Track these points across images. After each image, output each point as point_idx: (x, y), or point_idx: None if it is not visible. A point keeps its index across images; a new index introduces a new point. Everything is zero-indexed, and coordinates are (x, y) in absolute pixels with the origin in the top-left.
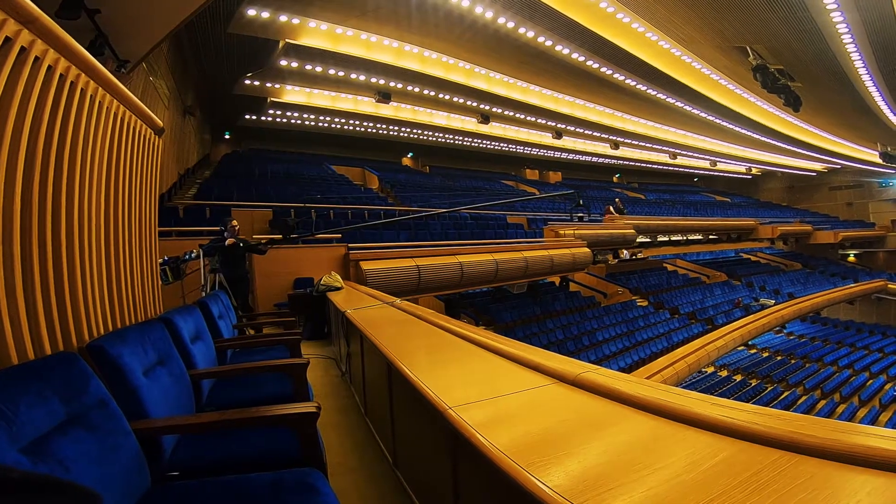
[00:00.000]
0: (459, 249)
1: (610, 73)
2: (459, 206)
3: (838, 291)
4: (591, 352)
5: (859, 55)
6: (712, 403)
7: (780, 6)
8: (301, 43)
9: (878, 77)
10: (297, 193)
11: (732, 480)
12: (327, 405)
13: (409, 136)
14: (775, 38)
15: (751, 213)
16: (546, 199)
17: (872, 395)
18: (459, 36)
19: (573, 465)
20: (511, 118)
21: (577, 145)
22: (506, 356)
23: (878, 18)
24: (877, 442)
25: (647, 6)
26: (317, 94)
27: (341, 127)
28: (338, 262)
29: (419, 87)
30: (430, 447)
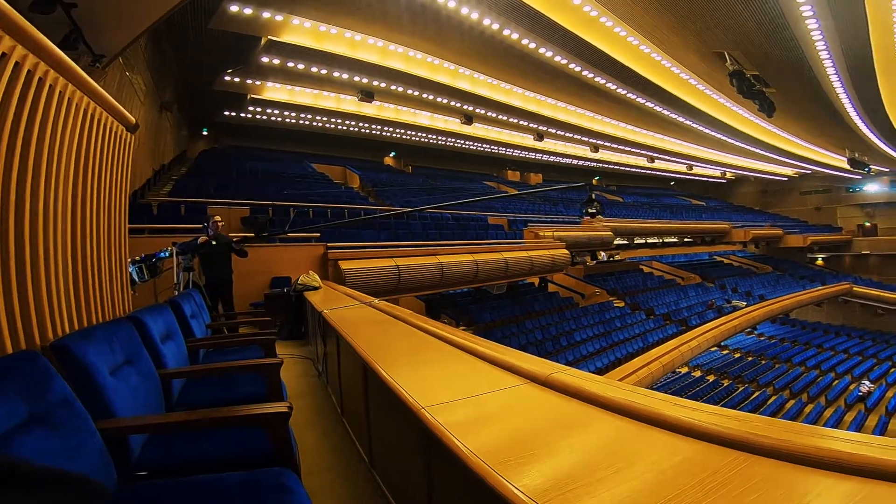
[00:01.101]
0: (440, 249)
1: (591, 76)
2: (438, 203)
3: (807, 294)
4: (570, 352)
5: (832, 63)
6: (674, 404)
7: (759, 13)
8: (284, 40)
9: (849, 85)
10: (276, 191)
11: (691, 480)
12: (303, 405)
13: (392, 135)
14: (753, 44)
15: (724, 217)
16: (519, 196)
17: (838, 395)
18: (445, 37)
19: (543, 466)
20: (494, 119)
21: (557, 148)
22: (480, 356)
23: (852, 26)
24: (827, 443)
25: (629, 10)
26: (298, 92)
27: (323, 125)
28: (316, 261)
29: (403, 86)
30: (406, 447)
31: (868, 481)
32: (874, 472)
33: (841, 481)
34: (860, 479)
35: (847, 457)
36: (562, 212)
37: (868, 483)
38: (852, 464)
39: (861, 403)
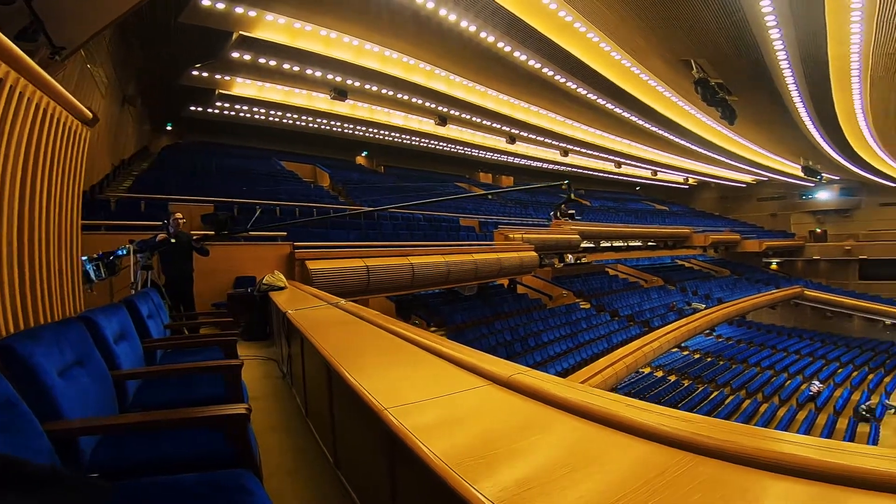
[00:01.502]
0: (411, 250)
1: (563, 80)
2: (411, 207)
3: (762, 297)
4: (538, 353)
5: (791, 72)
6: (627, 405)
7: (725, 20)
8: (256, 36)
9: (805, 94)
10: (243, 189)
11: (639, 480)
12: (267, 407)
13: (365, 134)
14: (718, 51)
15: (686, 222)
16: (486, 196)
17: (790, 394)
18: (423, 37)
19: (504, 469)
20: (468, 121)
21: (529, 151)
22: (444, 357)
23: (812, 35)
24: (769, 445)
25: (602, 16)
26: (269, 88)
27: (293, 122)
28: (282, 260)
29: (378, 85)
30: (370, 448)
31: (808, 482)
32: (814, 473)
33: (781, 482)
34: (800, 481)
35: (789, 458)
36: (531, 214)
37: (807, 484)
38: (793, 465)
39: (811, 403)
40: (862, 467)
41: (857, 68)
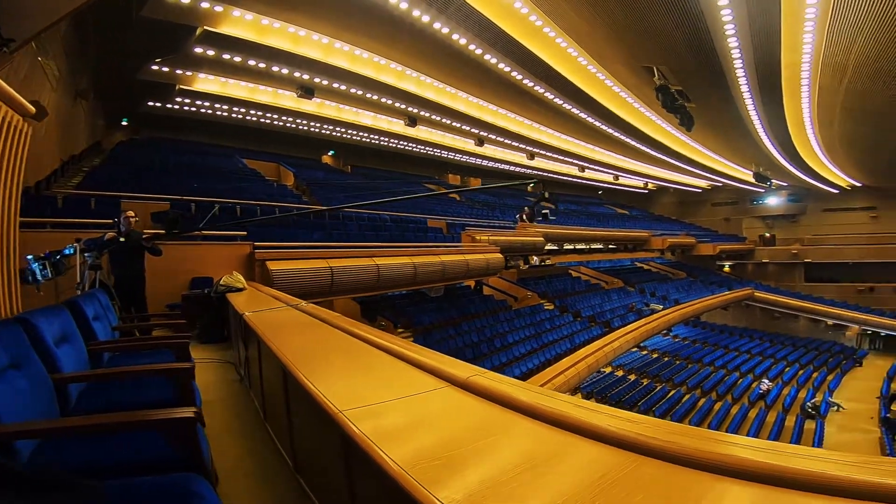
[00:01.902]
0: (377, 251)
1: (532, 85)
2: (377, 207)
3: (715, 298)
4: (504, 354)
5: (745, 79)
6: (576, 406)
7: (687, 29)
8: (222, 31)
9: (758, 101)
10: (202, 186)
11: (586, 480)
12: (223, 410)
13: (332, 133)
14: (679, 59)
15: (645, 226)
16: (448, 195)
17: (742, 392)
18: (395, 38)
19: (462, 474)
20: (438, 123)
21: (497, 153)
22: (404, 359)
23: (766, 43)
24: (710, 446)
25: (571, 22)
26: (233, 85)
27: (257, 119)
28: (242, 261)
29: (347, 85)
30: (328, 452)
31: (747, 483)
32: (753, 474)
33: (721, 483)
34: (739, 482)
35: (728, 459)
36: (498, 216)
37: (746, 485)
38: (733, 466)
39: (762, 401)
40: (800, 469)
41: (806, 77)
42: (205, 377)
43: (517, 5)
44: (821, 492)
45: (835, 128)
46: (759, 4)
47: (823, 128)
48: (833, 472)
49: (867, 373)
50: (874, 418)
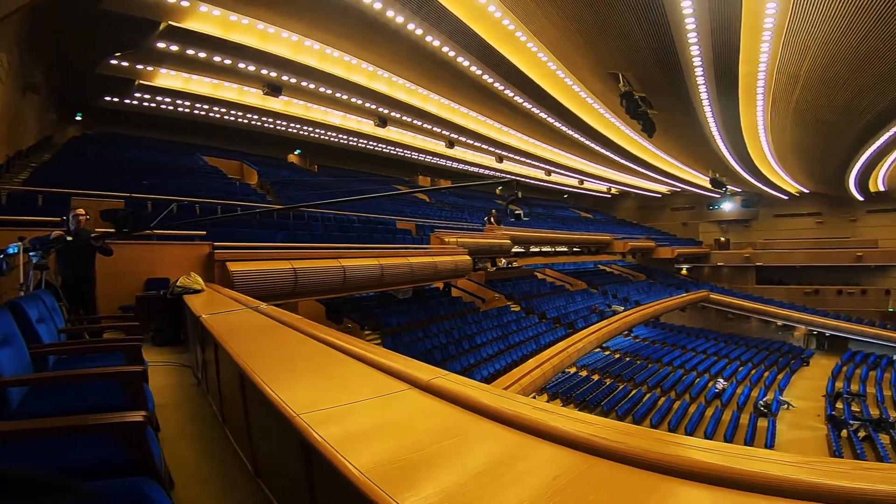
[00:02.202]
0: (343, 253)
1: (502, 88)
2: (344, 206)
3: (673, 300)
4: (472, 355)
5: (705, 87)
6: (534, 408)
7: (652, 37)
8: (187, 26)
9: (717, 109)
10: (159, 184)
11: (543, 481)
12: (180, 414)
13: (299, 132)
14: (644, 66)
15: (608, 229)
16: (409, 194)
17: (699, 392)
18: (368, 38)
19: (421, 478)
20: (408, 124)
21: (466, 156)
22: (366, 362)
23: (725, 53)
24: (655, 446)
25: (543, 27)
26: (196, 81)
27: (221, 117)
28: (201, 261)
29: (316, 83)
30: (288, 456)
31: (693, 483)
32: (697, 474)
33: (666, 482)
34: (685, 482)
35: (675, 459)
36: (467, 219)
37: (693, 486)
38: (679, 466)
39: (718, 399)
40: (744, 469)
41: (762, 86)
42: (160, 381)
43: (491, 9)
44: (763, 492)
45: (786, 135)
46: (721, 15)
47: (776, 135)
48: (774, 473)
49: (814, 372)
50: (821, 416)
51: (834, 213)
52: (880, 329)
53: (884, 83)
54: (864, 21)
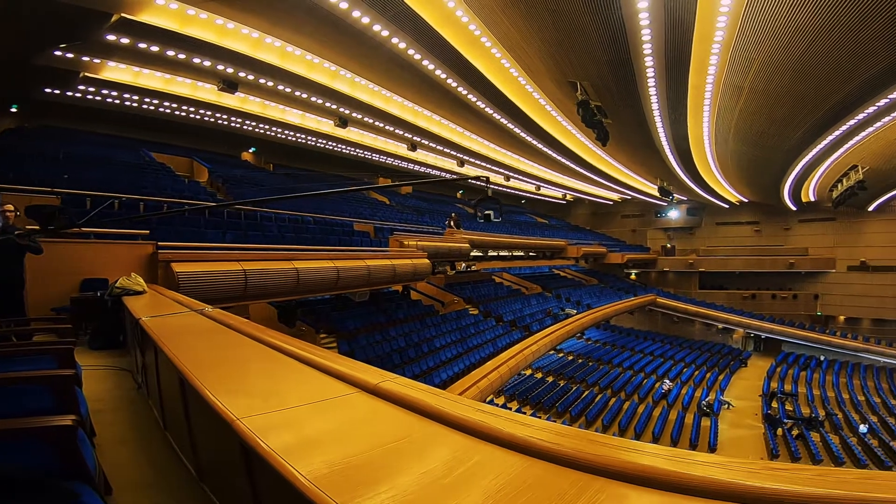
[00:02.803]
0: (297, 254)
1: (466, 93)
2: (300, 205)
3: (623, 303)
4: (431, 358)
5: (656, 98)
6: (477, 409)
7: (610, 46)
8: (141, 19)
9: (666, 119)
10: (101, 180)
11: (481, 482)
12: (118, 419)
13: (255, 130)
14: (600, 76)
15: (562, 235)
16: (352, 190)
17: (647, 392)
18: (330, 37)
19: (358, 485)
20: (370, 125)
21: (428, 159)
22: (314, 365)
23: (677, 64)
24: (592, 448)
25: (507, 33)
26: (146, 75)
27: (171, 112)
28: (143, 262)
29: (274, 81)
30: (229, 460)
31: (619, 484)
32: (621, 473)
33: (595, 481)
34: (611, 481)
35: (604, 459)
36: (427, 222)
37: (620, 486)
38: (609, 466)
39: (664, 400)
40: (656, 467)
41: (709, 97)
42: (97, 385)
43: (458, 13)
44: (680, 491)
45: (729, 146)
46: (675, 27)
47: (719, 146)
48: (684, 471)
49: (751, 372)
50: (758, 415)
51: (770, 222)
52: (810, 331)
53: (818, 98)
54: (803, 38)
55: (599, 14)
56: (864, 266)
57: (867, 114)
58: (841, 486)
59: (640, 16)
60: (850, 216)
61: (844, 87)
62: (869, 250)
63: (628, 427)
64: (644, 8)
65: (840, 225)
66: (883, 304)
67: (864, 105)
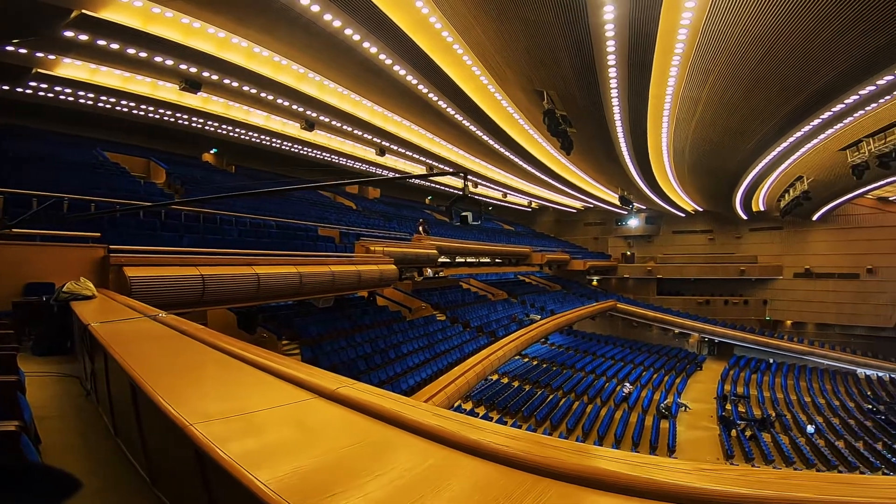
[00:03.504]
0: (258, 259)
1: (436, 99)
2: (262, 208)
3: (585, 309)
4: (397, 364)
5: (618, 108)
6: (434, 414)
7: (576, 57)
8: (102, 16)
9: (627, 130)
10: (49, 179)
11: (428, 484)
12: (67, 426)
13: (217, 130)
14: (567, 85)
15: (528, 242)
16: (314, 192)
17: (609, 395)
18: (300, 39)
19: (315, 490)
20: (338, 129)
21: (398, 164)
22: (270, 371)
23: (639, 78)
24: (540, 451)
25: (478, 41)
26: (104, 72)
27: (129, 111)
28: (94, 265)
29: (239, 81)
30: (185, 464)
31: (563, 484)
32: (563, 474)
33: (541, 482)
34: (554, 482)
35: (553, 462)
36: (395, 228)
37: (562, 486)
38: (552, 468)
39: (625, 403)
40: (600, 468)
41: (667, 109)
42: (43, 392)
43: (432, 20)
44: (617, 491)
45: (685, 156)
46: (638, 39)
47: (677, 156)
48: (626, 472)
49: (706, 375)
50: (713, 417)
51: (722, 231)
52: (759, 336)
53: (768, 110)
54: (757, 50)
55: (568, 25)
56: (809, 273)
57: (812, 126)
58: (763, 486)
59: (605, 27)
60: (796, 225)
61: (793, 100)
62: (813, 258)
63: (591, 430)
64: (610, 20)
65: (787, 234)
66: (825, 310)
67: (809, 117)
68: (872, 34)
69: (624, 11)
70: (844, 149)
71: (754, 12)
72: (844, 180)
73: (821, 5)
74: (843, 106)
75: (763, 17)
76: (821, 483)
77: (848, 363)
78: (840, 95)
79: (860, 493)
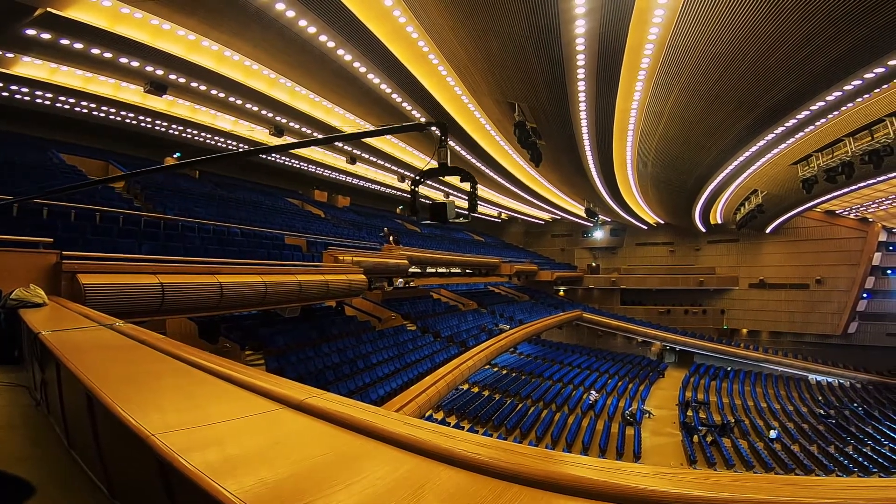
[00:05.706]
0: (221, 268)
1: (409, 108)
2: (227, 215)
3: (552, 319)
4: (367, 374)
5: (586, 122)
6: (405, 423)
7: (547, 71)
8: (68, 15)
9: (593, 143)
10: None
11: (420, 493)
12: (15, 437)
13: (181, 134)
14: (537, 98)
15: (497, 253)
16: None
17: (576, 403)
18: (273, 44)
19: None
20: (309, 136)
21: (368, 173)
22: (234, 381)
23: (607, 88)
24: (508, 456)
25: (454, 52)
26: (65, 72)
27: (89, 112)
28: (45, 272)
29: (207, 85)
30: (147, 478)
31: (529, 489)
32: (526, 478)
33: (511, 488)
34: (514, 485)
35: (521, 468)
36: (364, 237)
37: (522, 489)
38: (520, 474)
39: (591, 410)
40: (565, 473)
41: (633, 122)
42: None
43: (409, 29)
44: (582, 495)
45: (648, 169)
46: (606, 55)
47: (640, 168)
48: (583, 475)
49: (668, 383)
50: (676, 423)
51: (683, 243)
52: (718, 344)
53: (726, 125)
54: (718, 65)
55: (541, 39)
56: (763, 284)
57: (766, 140)
58: (719, 489)
59: (576, 41)
60: (751, 238)
61: (749, 115)
62: (766, 269)
63: (560, 438)
64: (581, 34)
65: (742, 246)
66: (778, 318)
67: (764, 132)
68: (826, 48)
69: (595, 25)
70: (795, 163)
71: (717, 29)
72: (795, 194)
73: (777, 25)
74: (795, 121)
75: (724, 33)
76: (773, 485)
77: (800, 369)
78: (792, 111)
79: (809, 493)
